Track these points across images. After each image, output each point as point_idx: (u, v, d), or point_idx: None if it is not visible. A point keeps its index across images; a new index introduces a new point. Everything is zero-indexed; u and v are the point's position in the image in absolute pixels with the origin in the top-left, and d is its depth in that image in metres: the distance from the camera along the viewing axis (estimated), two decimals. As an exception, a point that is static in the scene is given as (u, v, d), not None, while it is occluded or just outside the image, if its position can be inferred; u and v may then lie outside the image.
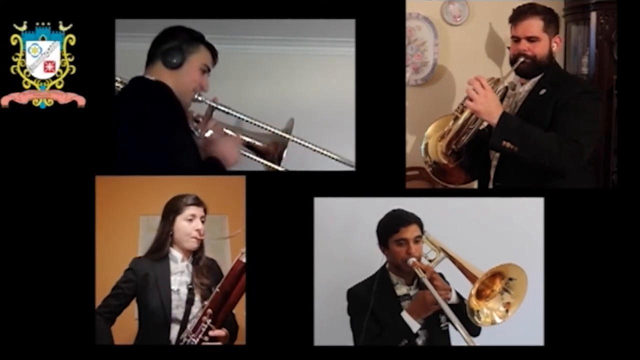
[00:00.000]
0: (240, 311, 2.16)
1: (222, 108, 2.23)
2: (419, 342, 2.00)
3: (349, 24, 2.20)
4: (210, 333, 1.87)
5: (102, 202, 2.15)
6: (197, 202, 2.05)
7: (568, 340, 2.14)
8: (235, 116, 2.25)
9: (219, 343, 1.88)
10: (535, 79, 2.35)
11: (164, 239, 2.03)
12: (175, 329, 1.98)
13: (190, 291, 2.00)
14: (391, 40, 2.22)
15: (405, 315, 1.96)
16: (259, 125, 2.28)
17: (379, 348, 2.02)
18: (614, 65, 2.66)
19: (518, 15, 2.34)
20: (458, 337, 1.91)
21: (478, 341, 1.97)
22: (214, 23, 2.25)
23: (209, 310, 1.86)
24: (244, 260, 1.90)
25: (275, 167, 2.30)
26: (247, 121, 2.27)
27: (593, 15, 2.77)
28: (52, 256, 2.16)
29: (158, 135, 1.91)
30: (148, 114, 1.94)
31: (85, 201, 2.15)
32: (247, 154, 2.30)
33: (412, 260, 2.00)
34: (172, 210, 2.04)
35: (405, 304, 2.02)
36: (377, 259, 2.07)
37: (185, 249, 2.05)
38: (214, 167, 2.08)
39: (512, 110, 2.36)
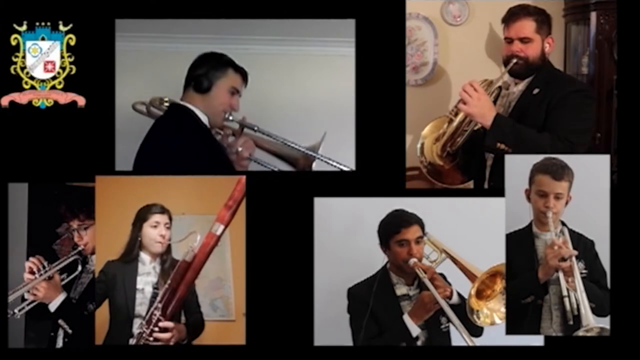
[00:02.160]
0: (242, 309, 2.17)
1: (251, 127, 2.32)
2: (419, 343, 2.00)
3: (349, 24, 2.20)
4: (160, 324, 2.00)
5: (102, 202, 2.15)
6: (162, 211, 2.13)
7: (568, 340, 2.13)
8: (265, 134, 2.33)
9: (168, 334, 2.00)
10: (529, 79, 2.35)
11: (133, 243, 2.13)
12: (137, 324, 2.08)
13: (155, 290, 2.10)
14: (391, 40, 2.22)
15: (406, 318, 1.97)
16: (288, 145, 2.34)
17: (378, 348, 2.02)
18: (614, 65, 2.66)
19: (511, 16, 2.35)
20: (459, 337, 1.91)
21: (478, 341, 1.97)
22: (213, 23, 2.26)
23: (159, 304, 2.00)
24: (188, 259, 2.02)
25: None
26: (276, 140, 2.34)
27: (593, 15, 2.78)
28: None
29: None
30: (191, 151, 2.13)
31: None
32: (275, 166, 2.35)
33: (413, 260, 2.00)
34: (139, 218, 2.13)
35: (404, 304, 2.02)
36: (376, 259, 2.08)
37: (152, 252, 2.14)
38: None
39: (505, 110, 2.36)
